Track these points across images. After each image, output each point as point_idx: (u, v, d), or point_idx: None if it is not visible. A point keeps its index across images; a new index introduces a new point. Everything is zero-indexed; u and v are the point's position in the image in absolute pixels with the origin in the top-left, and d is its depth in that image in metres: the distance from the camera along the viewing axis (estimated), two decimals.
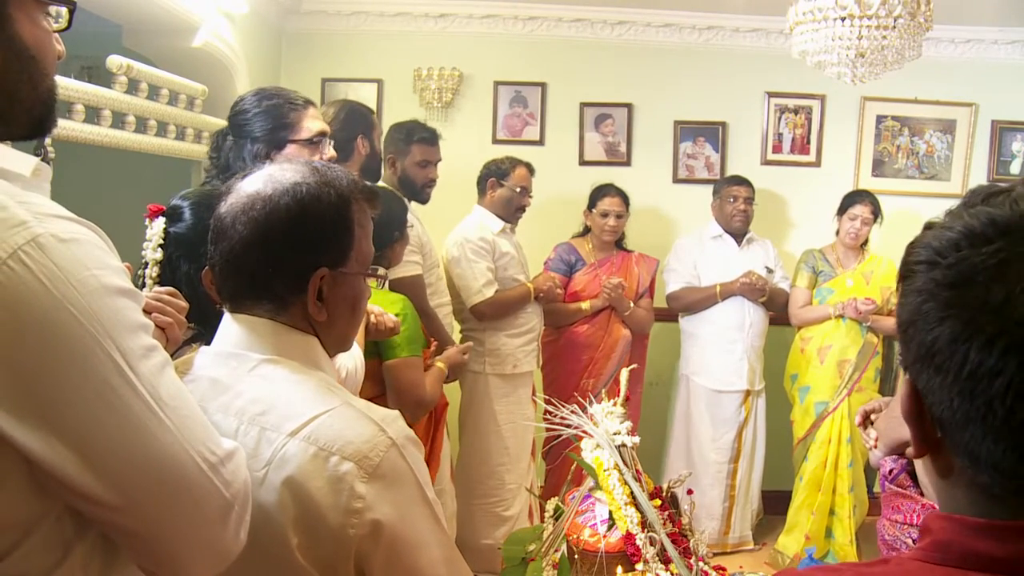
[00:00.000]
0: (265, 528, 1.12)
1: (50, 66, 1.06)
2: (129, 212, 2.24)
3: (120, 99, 2.93)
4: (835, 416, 4.30)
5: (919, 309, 0.73)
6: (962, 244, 0.71)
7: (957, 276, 0.71)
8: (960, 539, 0.74)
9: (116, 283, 0.96)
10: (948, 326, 0.71)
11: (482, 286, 3.81)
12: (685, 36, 4.88)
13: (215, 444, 1.01)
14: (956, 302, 0.70)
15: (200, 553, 1.02)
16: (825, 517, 4.31)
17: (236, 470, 1.03)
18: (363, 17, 4.78)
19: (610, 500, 2.24)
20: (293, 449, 1.13)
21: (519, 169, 3.99)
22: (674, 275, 4.54)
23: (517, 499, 3.94)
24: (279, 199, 1.25)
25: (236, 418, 1.18)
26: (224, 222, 1.28)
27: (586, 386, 4.04)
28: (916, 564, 0.76)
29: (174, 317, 1.40)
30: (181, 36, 3.58)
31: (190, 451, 0.97)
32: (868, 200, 4.43)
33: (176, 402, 0.98)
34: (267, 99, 2.37)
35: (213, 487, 0.99)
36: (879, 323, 4.30)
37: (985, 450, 0.71)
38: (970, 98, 4.93)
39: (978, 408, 0.69)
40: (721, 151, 4.96)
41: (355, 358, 2.24)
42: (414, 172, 3.62)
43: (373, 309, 2.58)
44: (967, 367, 0.69)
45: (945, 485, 0.78)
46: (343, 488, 1.11)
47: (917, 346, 0.74)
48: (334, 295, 1.29)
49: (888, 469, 1.78)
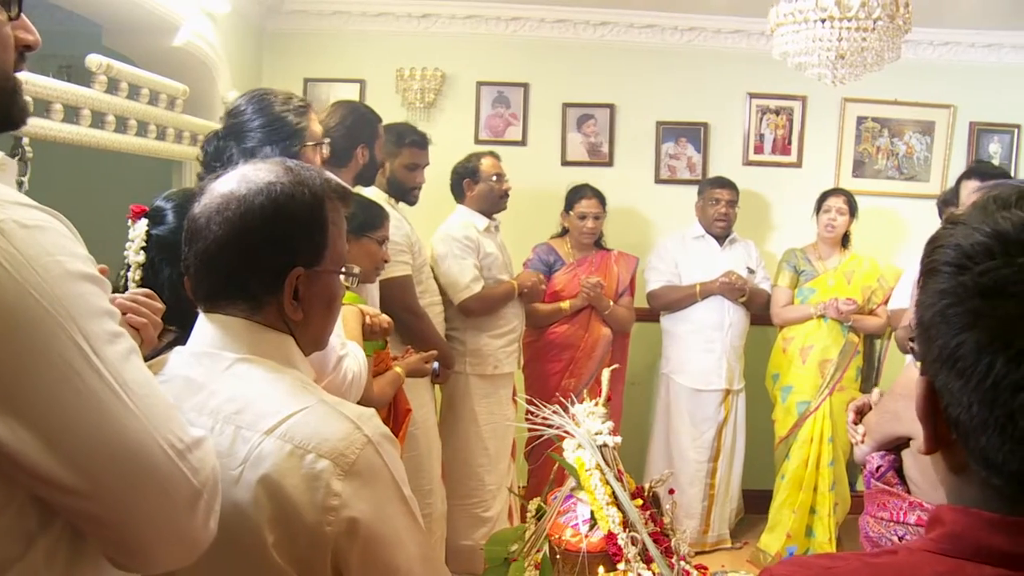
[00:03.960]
0: (241, 527, 1.12)
1: (5, 55, 1.03)
2: (110, 213, 2.22)
3: (99, 98, 2.91)
4: (817, 415, 4.33)
5: (944, 312, 0.72)
6: (995, 250, 0.70)
7: (988, 285, 0.69)
8: (973, 532, 0.73)
9: (80, 269, 0.95)
10: (975, 334, 0.70)
11: (470, 282, 3.82)
12: (667, 37, 4.89)
13: (182, 431, 1.00)
14: (986, 311, 0.69)
15: (168, 542, 1.01)
16: (806, 516, 4.34)
17: (204, 457, 1.02)
18: (345, 17, 4.77)
19: (592, 500, 2.24)
20: (269, 447, 1.13)
21: (486, 159, 4.01)
22: (655, 273, 4.55)
23: (497, 500, 3.94)
24: (253, 199, 1.25)
25: (211, 417, 1.18)
26: (198, 223, 1.27)
27: (567, 386, 4.05)
28: (927, 555, 0.76)
29: (149, 318, 1.39)
30: (162, 35, 3.56)
31: (156, 437, 0.96)
32: (841, 193, 4.49)
33: (142, 388, 0.97)
34: (269, 105, 2.35)
35: (180, 473, 0.98)
36: (860, 323, 4.32)
37: (1001, 458, 0.71)
38: (948, 100, 4.97)
39: (998, 418, 0.69)
40: (703, 152, 4.98)
41: (359, 361, 2.24)
42: (403, 175, 3.62)
43: (368, 311, 2.58)
44: (991, 377, 0.69)
45: (956, 481, 0.78)
46: (319, 486, 1.11)
47: (939, 348, 0.73)
48: (309, 294, 1.29)
49: (875, 466, 1.77)
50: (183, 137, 3.51)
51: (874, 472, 1.78)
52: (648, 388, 4.80)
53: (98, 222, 1.93)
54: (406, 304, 3.43)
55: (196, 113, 3.58)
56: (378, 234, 2.83)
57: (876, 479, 1.77)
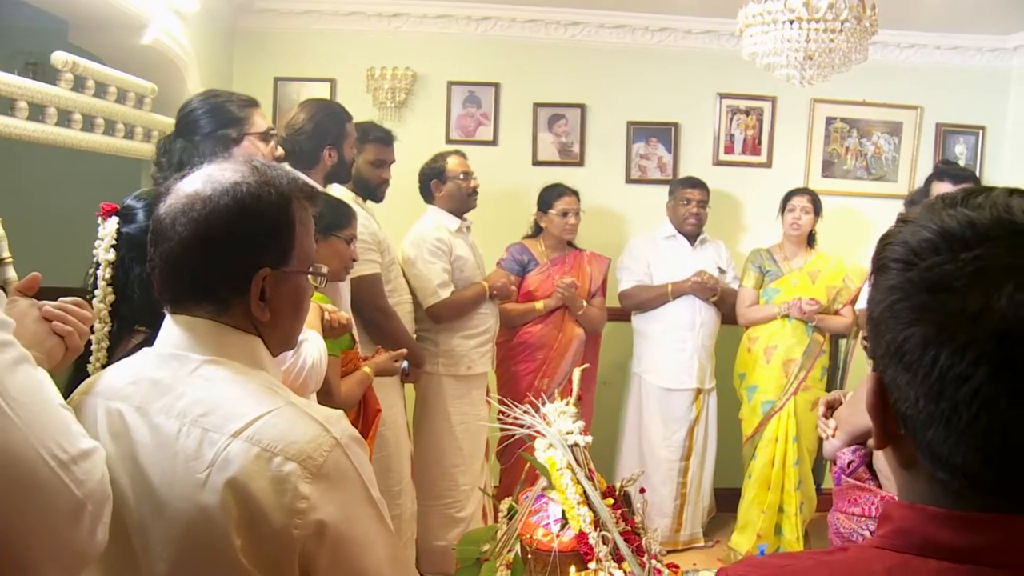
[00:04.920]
0: (208, 530, 1.11)
1: None
2: (77, 212, 2.20)
3: (66, 96, 2.88)
4: (782, 415, 4.36)
5: (892, 307, 0.74)
6: (940, 247, 0.72)
7: (933, 280, 0.71)
8: (920, 528, 0.75)
9: None
10: (921, 328, 0.71)
11: (437, 287, 3.80)
12: (638, 37, 4.91)
13: (68, 442, 0.99)
14: (931, 306, 0.71)
15: (50, 554, 1.00)
16: (775, 515, 4.37)
17: (91, 469, 1.01)
18: (316, 16, 4.75)
19: (563, 499, 2.25)
20: (236, 450, 1.12)
21: (451, 158, 4.00)
22: (627, 273, 4.57)
23: (471, 500, 3.94)
24: (219, 199, 1.23)
25: (178, 420, 1.17)
26: (163, 223, 1.26)
27: (540, 386, 4.04)
28: (875, 551, 0.78)
29: (75, 326, 1.37)
30: (130, 33, 3.52)
31: (38, 448, 0.95)
32: (806, 192, 4.53)
33: (27, 398, 0.96)
34: (215, 97, 2.43)
35: (62, 485, 0.97)
36: (825, 322, 4.36)
37: (947, 451, 0.72)
38: (915, 101, 5.04)
39: (943, 411, 0.71)
40: (673, 152, 5.00)
41: (318, 347, 2.25)
42: (368, 171, 3.60)
43: (326, 307, 2.57)
44: (936, 370, 0.70)
45: (907, 475, 0.79)
46: (287, 488, 1.10)
47: (887, 343, 0.75)
48: (277, 295, 1.27)
49: (847, 461, 1.79)
50: (152, 136, 3.48)
51: (845, 468, 1.79)
52: (619, 387, 4.81)
53: (65, 221, 1.91)
54: (375, 303, 3.42)
55: (165, 112, 3.55)
56: (346, 233, 2.82)
57: (847, 475, 1.78)
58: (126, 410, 1.21)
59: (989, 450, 0.70)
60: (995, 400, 0.68)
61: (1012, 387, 0.67)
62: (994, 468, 0.71)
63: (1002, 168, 5.05)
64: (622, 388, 4.79)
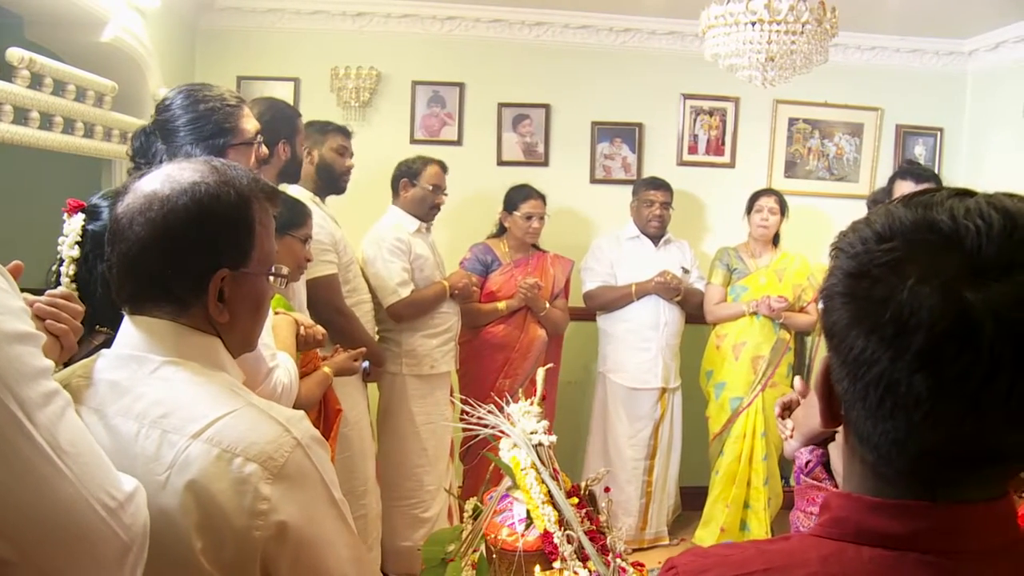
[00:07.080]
0: (168, 533, 1.10)
1: None
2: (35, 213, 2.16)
3: (22, 94, 2.82)
4: (750, 411, 4.40)
5: (830, 292, 0.80)
6: (868, 238, 0.77)
7: (856, 267, 0.76)
8: (855, 516, 0.79)
9: (15, 328, 0.93)
10: (846, 312, 0.77)
11: (397, 286, 3.79)
12: (602, 38, 4.93)
13: (115, 488, 1.00)
14: (853, 291, 0.76)
15: None
16: (740, 510, 4.41)
17: (136, 512, 1.02)
18: (279, 15, 4.71)
19: (527, 499, 2.25)
20: (196, 451, 1.11)
21: (431, 167, 3.97)
22: (591, 274, 4.58)
23: (436, 500, 3.93)
24: (177, 199, 1.22)
25: (136, 421, 1.15)
26: (121, 223, 1.24)
27: (503, 386, 4.04)
28: (813, 539, 0.81)
29: (68, 323, 1.35)
30: (88, 30, 3.46)
31: (89, 499, 0.96)
32: (772, 193, 4.58)
33: (75, 448, 0.96)
34: (200, 102, 2.25)
35: (111, 532, 0.97)
36: (791, 320, 4.41)
37: (866, 430, 0.77)
38: (876, 102, 5.11)
39: (859, 391, 0.76)
40: (638, 152, 5.02)
41: (290, 372, 2.21)
42: (332, 158, 3.58)
43: (304, 321, 2.55)
44: (853, 352, 0.75)
45: (848, 466, 0.84)
46: (247, 490, 1.09)
47: (827, 327, 0.80)
48: (236, 296, 1.26)
49: (804, 461, 1.80)
50: (112, 135, 3.43)
51: (803, 467, 1.81)
52: (583, 387, 4.83)
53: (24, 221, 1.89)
54: (333, 304, 3.40)
55: (126, 110, 3.51)
56: (301, 232, 2.80)
57: (805, 474, 1.80)
58: (83, 412, 1.19)
59: (897, 433, 0.74)
60: (896, 384, 0.72)
61: (909, 373, 0.71)
62: (905, 452, 0.75)
63: (959, 169, 5.13)
64: (586, 388, 4.80)
